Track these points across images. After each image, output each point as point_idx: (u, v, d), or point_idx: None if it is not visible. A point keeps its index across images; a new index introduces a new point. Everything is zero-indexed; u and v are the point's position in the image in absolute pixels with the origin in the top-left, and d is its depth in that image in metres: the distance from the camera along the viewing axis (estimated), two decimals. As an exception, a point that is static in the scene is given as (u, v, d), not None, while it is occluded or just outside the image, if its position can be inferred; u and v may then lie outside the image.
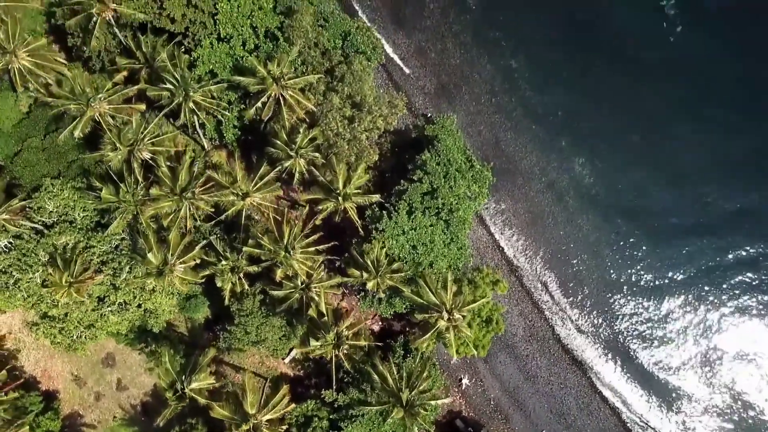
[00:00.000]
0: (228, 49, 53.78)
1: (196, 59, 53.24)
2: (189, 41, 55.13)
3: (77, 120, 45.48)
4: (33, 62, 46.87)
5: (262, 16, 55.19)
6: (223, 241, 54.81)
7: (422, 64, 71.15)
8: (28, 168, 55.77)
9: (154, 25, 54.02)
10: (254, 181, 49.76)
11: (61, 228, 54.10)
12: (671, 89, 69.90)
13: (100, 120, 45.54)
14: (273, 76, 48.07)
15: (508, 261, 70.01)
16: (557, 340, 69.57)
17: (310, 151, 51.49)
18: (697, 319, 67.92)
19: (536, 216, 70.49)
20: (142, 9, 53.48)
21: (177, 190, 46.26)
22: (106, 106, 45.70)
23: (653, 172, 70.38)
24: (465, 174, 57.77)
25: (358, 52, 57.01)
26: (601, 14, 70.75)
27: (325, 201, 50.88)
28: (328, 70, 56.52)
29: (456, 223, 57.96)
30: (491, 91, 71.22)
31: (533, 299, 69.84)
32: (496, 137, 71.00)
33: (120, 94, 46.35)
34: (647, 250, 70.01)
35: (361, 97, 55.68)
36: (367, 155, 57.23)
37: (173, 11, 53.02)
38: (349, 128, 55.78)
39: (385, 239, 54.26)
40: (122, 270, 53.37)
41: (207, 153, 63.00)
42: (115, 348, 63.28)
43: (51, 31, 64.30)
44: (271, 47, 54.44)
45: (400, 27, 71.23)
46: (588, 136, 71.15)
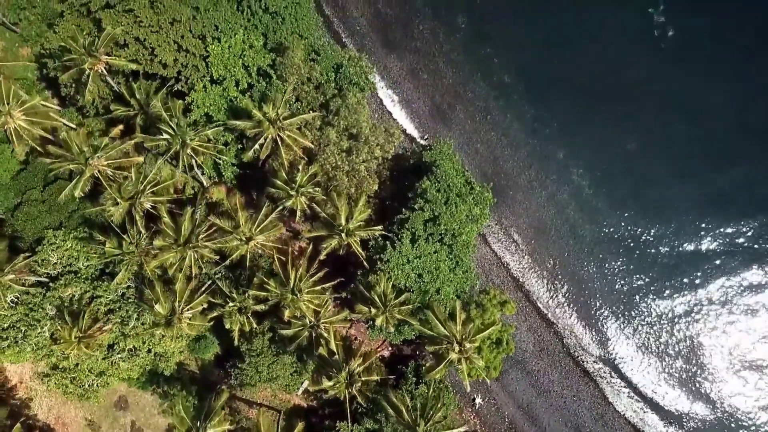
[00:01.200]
0: (221, 91, 53.81)
1: (191, 103, 53.26)
2: (182, 84, 55.15)
3: (77, 179, 45.49)
4: (29, 121, 46.83)
5: (253, 54, 55.19)
6: (228, 281, 54.88)
7: (415, 86, 71.19)
8: (30, 221, 55.75)
9: (147, 71, 54.06)
10: (257, 222, 49.74)
11: (66, 280, 54.11)
12: (664, 95, 69.96)
13: (100, 176, 45.52)
14: (269, 119, 48.06)
15: (514, 277, 70.08)
16: (567, 353, 69.66)
17: (310, 189, 51.45)
18: (706, 327, 67.92)
19: (539, 230, 70.56)
20: (134, 56, 53.54)
21: (181, 241, 46.26)
22: (105, 163, 45.67)
23: (651, 179, 70.44)
24: (466, 198, 57.75)
25: (352, 83, 56.96)
26: (590, 25, 70.75)
27: (328, 238, 50.89)
28: (322, 104, 56.54)
29: (460, 247, 58.00)
30: (486, 109, 71.24)
31: (541, 313, 69.94)
32: (494, 154, 71.06)
33: (118, 150, 46.37)
34: (651, 257, 70.07)
35: (357, 129, 55.69)
36: (367, 185, 57.23)
37: (164, 57, 53.04)
38: (348, 160, 55.83)
39: (390, 270, 54.29)
40: (130, 318, 53.42)
41: (206, 190, 63.15)
42: (128, 390, 63.31)
43: (43, 78, 64.58)
44: (265, 86, 54.46)
45: (390, 50, 71.27)
46: (584, 147, 71.23)
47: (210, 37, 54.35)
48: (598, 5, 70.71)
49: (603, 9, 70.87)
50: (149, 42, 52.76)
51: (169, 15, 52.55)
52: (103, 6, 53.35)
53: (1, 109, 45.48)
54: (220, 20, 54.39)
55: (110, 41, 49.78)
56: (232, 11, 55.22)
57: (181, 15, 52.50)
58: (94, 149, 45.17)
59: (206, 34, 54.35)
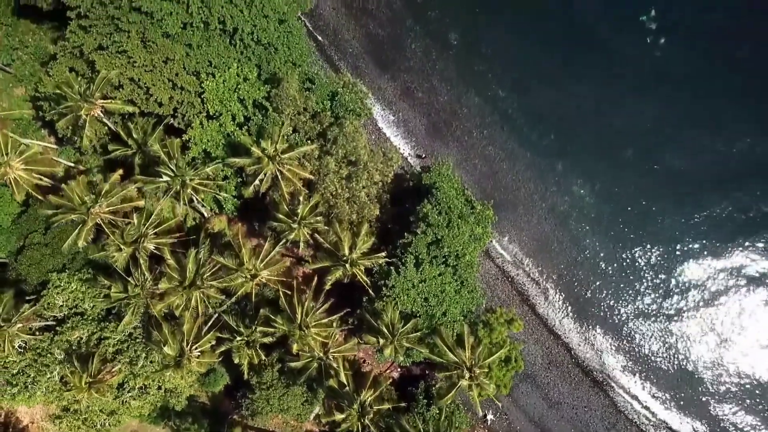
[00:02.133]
0: (218, 126, 53.84)
1: (188, 141, 53.29)
2: (179, 121, 55.18)
3: (79, 229, 45.53)
4: (28, 170, 46.85)
5: (248, 88, 55.21)
6: (235, 314, 54.90)
7: (410, 105, 71.20)
8: (34, 266, 55.78)
9: (143, 110, 54.12)
10: (260, 258, 49.76)
11: (73, 322, 54.14)
12: (660, 101, 69.98)
13: (102, 224, 45.56)
14: (268, 155, 48.10)
15: (519, 291, 70.14)
16: (576, 364, 69.74)
17: (312, 220, 51.52)
18: (714, 332, 68.01)
19: (541, 243, 70.59)
20: (129, 96, 53.59)
21: (186, 283, 46.31)
22: (106, 209, 45.70)
23: (651, 187, 70.48)
24: (467, 218, 57.83)
25: (348, 110, 57.00)
26: (583, 35, 70.73)
27: (333, 269, 50.94)
28: (320, 133, 56.58)
29: (464, 267, 58.08)
30: (482, 124, 71.26)
31: (547, 326, 70.01)
32: (493, 169, 71.08)
33: (119, 196, 46.42)
34: (656, 264, 70.13)
35: (355, 156, 55.74)
36: (368, 211, 57.24)
37: (160, 95, 53.11)
38: (348, 187, 55.92)
39: (395, 295, 54.34)
40: (139, 357, 53.45)
41: (208, 221, 63.20)
42: (139, 426, 63.35)
43: (39, 117, 64.65)
44: (261, 119, 54.49)
45: (384, 71, 71.27)
46: (583, 157, 71.25)
47: (204, 73, 54.39)
48: (589, 16, 70.66)
49: (594, 19, 70.86)
50: (144, 81, 52.82)
51: (162, 54, 52.59)
52: (96, 48, 53.38)
53: (1, 160, 45.43)
54: (213, 56, 54.43)
55: (105, 85, 49.81)
56: (224, 46, 55.25)
57: (174, 53, 52.53)
58: (95, 197, 45.11)
59: (200, 71, 54.39)
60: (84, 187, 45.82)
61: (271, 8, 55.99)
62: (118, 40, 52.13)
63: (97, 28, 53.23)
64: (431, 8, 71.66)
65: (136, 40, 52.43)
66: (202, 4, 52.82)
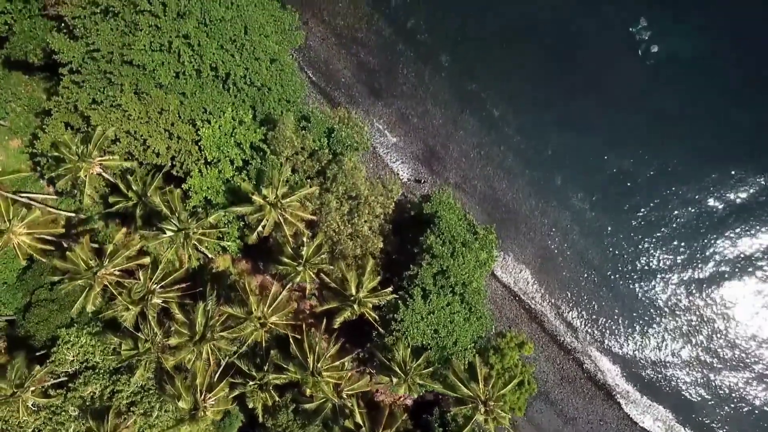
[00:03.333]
0: (217, 173, 53.84)
1: (188, 190, 53.30)
2: (177, 169, 55.19)
3: (86, 293, 45.55)
4: (31, 235, 46.85)
5: (244, 131, 55.22)
6: (246, 358, 54.90)
7: (406, 131, 71.27)
8: (42, 323, 55.76)
9: (141, 161, 54.16)
10: (268, 303, 49.79)
11: (85, 377, 54.06)
12: (655, 111, 70.08)
13: (109, 286, 45.61)
14: (269, 203, 48.12)
15: (526, 309, 70.24)
16: (588, 378, 69.85)
17: (317, 260, 51.56)
18: (723, 337, 68.10)
19: (546, 259, 70.70)
20: (126, 148, 53.60)
21: (196, 337, 46.32)
22: (112, 269, 45.73)
23: (652, 195, 70.61)
24: (471, 245, 57.84)
25: (345, 146, 57.00)
26: (575, 49, 70.62)
27: (341, 310, 50.97)
28: (319, 171, 56.61)
29: (471, 294, 58.10)
30: (479, 144, 71.35)
31: (557, 342, 70.11)
32: (492, 188, 71.17)
33: (124, 257, 46.44)
34: (661, 272, 70.24)
35: (356, 191, 55.79)
36: (371, 245, 57.33)
37: (157, 146, 53.13)
38: (350, 223, 56.00)
39: (405, 329, 54.37)
40: (153, 409, 53.42)
41: (212, 260, 63.22)
42: (157, 470, 63.25)
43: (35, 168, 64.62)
44: (260, 162, 54.49)
45: (378, 98, 71.32)
46: (581, 170, 71.37)
47: (200, 121, 54.40)
48: (579, 30, 70.68)
49: (584, 32, 70.84)
50: (140, 134, 52.85)
51: (157, 105, 52.62)
52: (90, 103, 53.39)
53: (3, 227, 45.45)
54: (208, 102, 54.44)
55: (103, 142, 49.83)
56: (218, 91, 55.26)
57: (168, 104, 52.54)
58: (101, 261, 45.13)
59: (195, 118, 54.38)
60: (88, 249, 45.75)
61: (262, 50, 56.07)
62: (112, 95, 52.12)
63: (90, 83, 53.25)
64: (420, 32, 71.70)
65: (129, 93, 52.43)
66: (193, 52, 52.88)
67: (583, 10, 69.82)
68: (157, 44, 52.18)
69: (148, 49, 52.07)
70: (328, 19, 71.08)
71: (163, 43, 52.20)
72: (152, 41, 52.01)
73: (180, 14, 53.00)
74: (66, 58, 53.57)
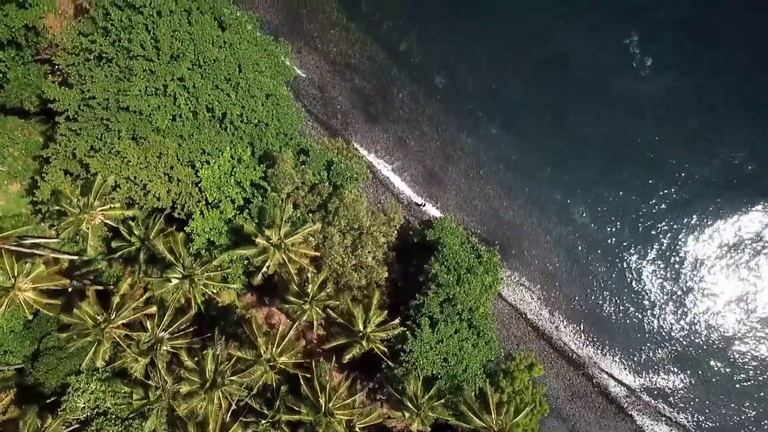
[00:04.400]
0: (219, 214, 53.84)
1: (191, 233, 53.29)
2: (178, 211, 55.19)
3: (95, 348, 45.52)
4: (36, 289, 46.84)
5: (243, 169, 55.23)
6: (257, 396, 54.86)
7: (405, 155, 71.30)
8: (51, 371, 55.69)
9: (142, 206, 54.18)
10: (276, 344, 49.78)
11: (97, 424, 53.88)
12: (653, 123, 70.23)
13: (117, 339, 45.60)
14: (273, 244, 48.13)
15: (534, 326, 70.24)
16: (599, 392, 69.87)
17: (323, 296, 51.57)
18: (731, 345, 68.19)
19: (550, 275, 70.73)
20: (126, 193, 53.59)
21: (207, 384, 46.28)
22: (120, 322, 45.72)
23: (653, 206, 70.67)
24: (476, 271, 57.79)
25: (345, 178, 57.03)
26: (569, 66, 70.69)
27: (350, 347, 50.97)
28: (320, 205, 56.62)
29: (478, 319, 58.13)
30: (477, 164, 71.40)
31: (566, 357, 70.12)
32: (493, 208, 71.20)
33: (131, 309, 46.44)
34: (666, 283, 70.28)
35: (358, 223, 55.80)
36: (376, 275, 57.37)
37: (157, 190, 53.12)
38: (354, 255, 56.00)
39: (414, 359, 54.35)
40: (168, 454, 53.37)
41: (217, 294, 63.18)
42: None
43: (36, 211, 64.60)
44: (261, 200, 54.48)
45: (374, 123, 71.34)
46: (581, 184, 71.44)
47: (199, 162, 54.41)
48: (572, 44, 70.72)
49: (577, 46, 70.82)
50: (140, 179, 52.84)
51: (156, 149, 52.64)
52: (89, 150, 53.38)
53: (7, 284, 45.43)
54: (206, 143, 54.45)
55: (103, 192, 49.84)
56: (215, 131, 55.28)
57: (167, 148, 52.56)
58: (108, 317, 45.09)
59: (194, 160, 54.41)
60: (94, 302, 45.68)
61: (257, 87, 56.09)
62: (110, 142, 52.12)
63: (87, 130, 53.27)
64: (413, 55, 71.78)
65: (127, 139, 52.45)
66: (189, 94, 52.91)
67: (575, 27, 69.85)
68: (153, 88, 52.21)
69: (143, 94, 52.11)
70: (321, 46, 71.12)
71: (159, 87, 52.24)
72: (147, 86, 52.05)
73: (174, 56, 53.07)
74: (62, 106, 53.60)
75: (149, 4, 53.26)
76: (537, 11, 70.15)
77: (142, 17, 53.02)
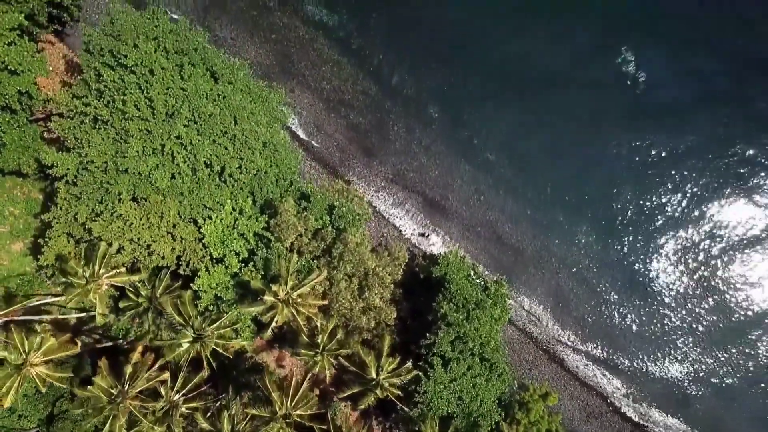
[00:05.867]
0: (224, 269, 53.83)
1: (198, 290, 53.28)
2: (183, 268, 55.17)
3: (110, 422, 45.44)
4: (48, 362, 46.80)
5: (245, 221, 55.23)
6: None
7: (404, 187, 71.32)
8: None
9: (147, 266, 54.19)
10: (290, 397, 49.76)
11: (116, 488, 53.96)
12: (652, 139, 70.46)
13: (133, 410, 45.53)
14: (281, 300, 48.14)
15: (545, 350, 70.28)
16: (614, 411, 69.96)
17: (334, 345, 51.59)
18: (740, 363, 68.33)
19: (558, 297, 70.82)
20: (131, 255, 53.54)
21: (225, 447, 46.35)
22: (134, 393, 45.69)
23: (655, 221, 70.80)
24: (484, 304, 57.86)
25: (348, 221, 57.03)
26: (561, 87, 70.91)
27: (364, 396, 50.96)
28: (324, 250, 56.63)
29: (490, 352, 58.19)
30: (477, 191, 71.47)
31: (579, 378, 70.17)
32: (496, 233, 71.28)
33: (145, 378, 46.43)
34: (674, 296, 70.43)
35: (363, 266, 55.81)
36: (385, 316, 57.37)
37: (161, 250, 53.10)
38: (361, 298, 56.01)
39: (429, 400, 54.40)
40: None
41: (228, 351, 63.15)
42: None
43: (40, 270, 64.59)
44: (265, 251, 54.47)
45: (372, 157, 71.36)
46: (582, 204, 71.57)
47: (201, 218, 54.40)
48: (563, 65, 70.92)
49: (568, 66, 71.12)
50: (143, 239, 52.80)
51: (157, 210, 52.62)
52: (90, 213, 53.34)
53: (18, 361, 45.37)
54: (207, 198, 54.42)
55: (109, 259, 49.84)
56: (215, 185, 55.23)
57: (169, 209, 52.55)
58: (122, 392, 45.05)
59: (196, 216, 54.40)
60: (107, 373, 45.62)
61: (254, 138, 56.07)
62: (111, 206, 52.09)
63: (87, 194, 53.20)
64: (406, 87, 71.86)
65: (128, 201, 52.43)
66: (187, 152, 52.90)
67: (565, 49, 70.06)
68: (150, 148, 52.21)
69: (141, 155, 52.08)
70: (314, 84, 71.15)
71: (156, 146, 52.24)
72: (145, 146, 52.05)
73: (169, 114, 53.08)
74: (60, 171, 53.52)
75: (141, 63, 53.35)
76: (526, 37, 70.40)
77: (135, 77, 53.07)
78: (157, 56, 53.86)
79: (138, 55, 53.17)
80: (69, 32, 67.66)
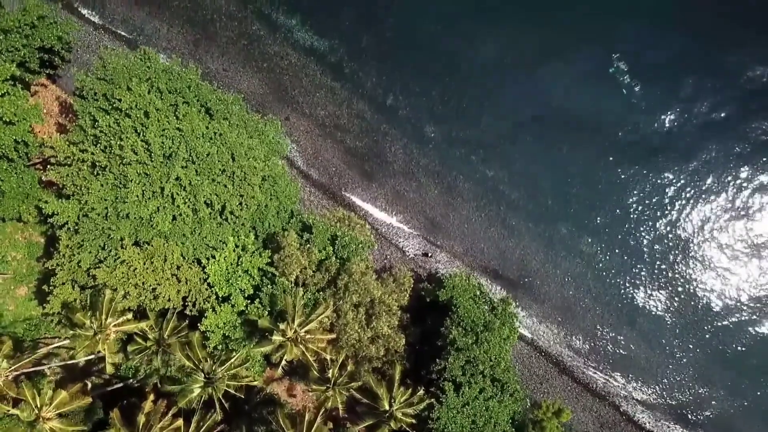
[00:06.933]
0: (231, 308, 53.75)
1: (206, 331, 53.20)
2: (190, 309, 55.08)
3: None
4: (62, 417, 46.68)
5: (249, 257, 55.17)
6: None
7: (404, 207, 71.23)
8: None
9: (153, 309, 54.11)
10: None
11: None
12: (649, 148, 70.54)
13: (149, 462, 45.57)
14: (289, 339, 48.07)
15: (555, 362, 70.19)
16: (628, 420, 69.88)
17: (345, 379, 51.51)
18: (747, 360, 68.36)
19: (565, 310, 70.75)
20: (137, 299, 53.44)
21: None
22: (149, 444, 45.72)
23: (658, 228, 70.85)
24: (492, 326, 57.82)
25: (351, 251, 56.98)
26: (556, 100, 70.93)
27: (378, 428, 50.88)
28: (329, 281, 56.57)
29: (501, 373, 58.13)
30: (478, 207, 71.38)
31: (591, 389, 70.11)
32: (499, 249, 71.21)
33: (159, 428, 46.33)
34: (683, 303, 70.42)
35: (369, 296, 55.76)
36: (394, 344, 57.29)
37: (166, 292, 53.02)
38: (369, 327, 55.93)
39: (443, 426, 54.31)
40: None
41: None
42: None
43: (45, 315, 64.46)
44: (271, 287, 54.40)
45: (371, 180, 71.26)
46: (584, 215, 71.57)
47: (204, 258, 54.34)
48: (556, 78, 70.93)
49: (561, 80, 71.17)
50: (148, 283, 52.71)
51: (161, 253, 52.55)
52: (93, 260, 53.26)
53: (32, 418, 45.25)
54: (209, 238, 54.37)
55: (115, 306, 49.77)
56: (217, 223, 55.16)
57: (172, 251, 52.49)
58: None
59: (199, 257, 54.33)
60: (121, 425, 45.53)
61: (253, 173, 55.97)
62: (113, 252, 52.00)
63: (89, 241, 53.11)
64: (400, 107, 71.80)
65: (130, 246, 52.35)
66: (186, 192, 52.79)
67: (557, 63, 70.12)
68: (150, 192, 52.12)
69: (141, 199, 51.99)
70: (309, 110, 71.08)
71: (156, 189, 52.15)
72: (144, 190, 51.96)
73: (166, 156, 52.99)
74: (61, 220, 53.40)
75: (135, 106, 53.30)
76: (517, 54, 70.39)
77: (130, 120, 53.00)
78: (151, 97, 53.82)
79: (132, 98, 53.15)
80: (61, 74, 67.45)
